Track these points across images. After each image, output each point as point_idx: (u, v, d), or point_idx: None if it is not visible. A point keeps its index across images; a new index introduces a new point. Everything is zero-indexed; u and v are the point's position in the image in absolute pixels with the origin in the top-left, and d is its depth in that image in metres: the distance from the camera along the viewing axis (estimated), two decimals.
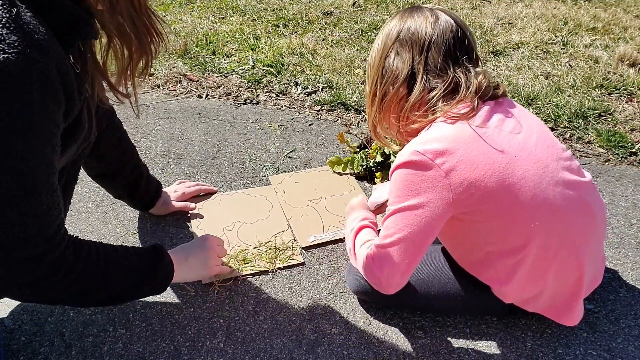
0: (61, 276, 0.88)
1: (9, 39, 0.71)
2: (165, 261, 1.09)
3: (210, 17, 2.95)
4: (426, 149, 0.98)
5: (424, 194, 0.99)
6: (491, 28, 2.78)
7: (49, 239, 0.84)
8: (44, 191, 0.81)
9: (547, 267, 1.05)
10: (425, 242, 1.03)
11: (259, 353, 1.16)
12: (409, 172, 1.00)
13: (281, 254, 1.41)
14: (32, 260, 0.83)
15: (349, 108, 2.11)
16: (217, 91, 2.25)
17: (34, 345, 1.17)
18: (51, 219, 0.84)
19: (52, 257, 0.86)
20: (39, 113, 0.76)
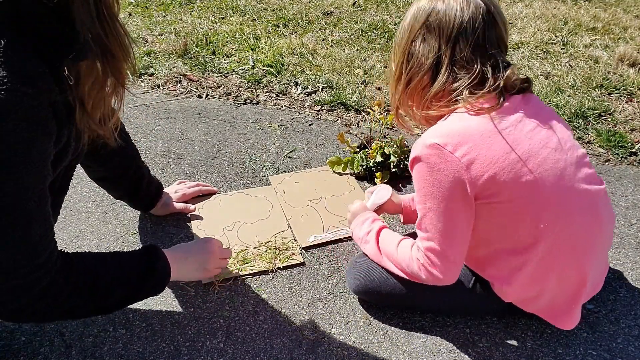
0: (51, 299, 0.88)
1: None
2: (160, 265, 1.08)
3: (210, 17, 2.95)
4: (447, 141, 0.97)
5: (449, 188, 0.98)
6: None
7: (39, 267, 0.85)
8: (35, 223, 0.81)
9: (550, 269, 1.05)
10: (468, 230, 1.03)
11: (259, 353, 1.16)
12: (431, 168, 0.99)
13: (281, 254, 1.41)
14: (20, 287, 0.84)
15: (349, 108, 2.11)
16: (217, 91, 2.25)
17: (34, 345, 1.17)
18: (43, 246, 0.85)
19: (43, 283, 0.86)
20: (27, 149, 0.75)
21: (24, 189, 0.78)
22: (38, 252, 0.84)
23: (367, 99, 2.15)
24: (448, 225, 1.01)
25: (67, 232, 1.47)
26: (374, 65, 2.41)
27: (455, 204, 1.00)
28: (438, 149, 0.97)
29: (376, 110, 1.78)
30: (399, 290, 1.18)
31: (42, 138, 0.78)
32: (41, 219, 0.83)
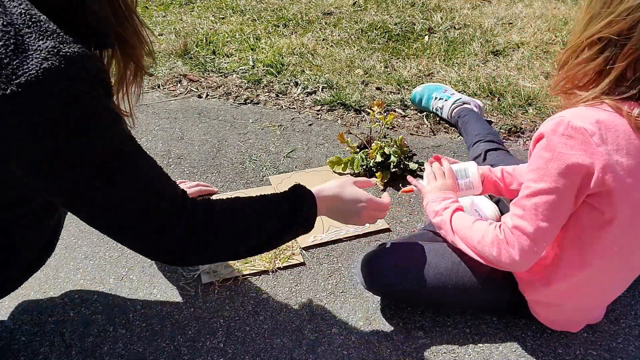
0: (198, 238, 0.89)
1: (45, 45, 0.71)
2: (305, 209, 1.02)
3: (210, 17, 2.95)
4: (594, 131, 0.88)
5: (574, 178, 0.91)
6: (491, 28, 2.78)
7: (171, 205, 0.86)
8: (140, 163, 0.83)
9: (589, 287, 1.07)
10: (563, 222, 0.99)
11: (259, 353, 1.16)
12: (565, 150, 0.90)
13: (281, 254, 1.41)
14: (163, 229, 0.85)
15: (349, 108, 2.11)
16: (217, 91, 2.25)
17: (34, 345, 1.17)
18: (161, 187, 0.86)
19: (182, 221, 0.87)
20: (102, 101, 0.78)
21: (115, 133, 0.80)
22: (160, 191, 0.85)
23: (367, 99, 2.15)
24: (552, 213, 0.95)
25: (67, 232, 1.47)
26: (374, 65, 2.41)
27: (570, 195, 0.94)
28: (583, 135, 0.89)
29: (376, 110, 1.78)
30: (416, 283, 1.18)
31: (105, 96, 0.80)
32: (145, 160, 0.85)
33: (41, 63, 0.69)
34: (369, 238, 1.48)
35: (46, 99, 0.70)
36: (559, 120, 0.91)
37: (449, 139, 1.94)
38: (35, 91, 0.69)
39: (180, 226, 0.87)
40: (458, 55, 2.51)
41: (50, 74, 0.69)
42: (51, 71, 0.69)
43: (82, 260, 1.40)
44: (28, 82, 0.69)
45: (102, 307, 1.26)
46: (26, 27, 0.71)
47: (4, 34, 0.70)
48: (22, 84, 0.68)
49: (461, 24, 2.84)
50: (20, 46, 0.70)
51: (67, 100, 0.72)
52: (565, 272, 1.05)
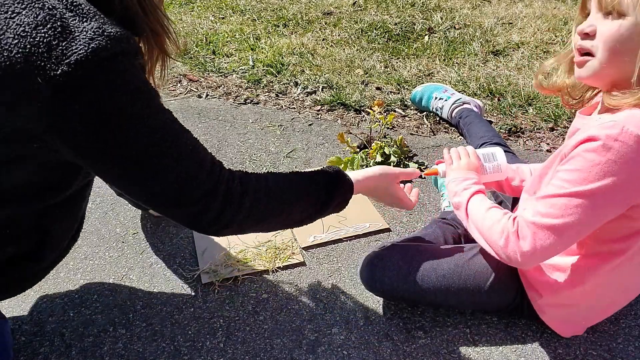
0: (237, 205, 0.93)
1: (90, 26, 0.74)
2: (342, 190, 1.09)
3: (210, 17, 2.95)
4: None
5: (620, 191, 0.87)
6: (491, 28, 2.78)
7: (210, 173, 0.90)
8: (181, 135, 0.87)
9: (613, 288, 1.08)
10: (585, 234, 0.95)
11: (259, 353, 1.16)
12: (617, 160, 0.84)
13: (281, 253, 1.41)
14: (206, 195, 0.89)
15: (349, 108, 2.11)
16: (217, 91, 2.25)
17: (34, 345, 1.17)
18: (201, 155, 0.91)
19: (222, 186, 0.91)
20: (144, 77, 0.83)
21: (157, 109, 0.85)
22: (200, 159, 0.90)
23: (367, 99, 2.15)
24: (583, 219, 0.90)
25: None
26: (374, 65, 2.41)
27: (613, 206, 0.90)
28: (639, 143, 0.83)
29: (376, 110, 1.78)
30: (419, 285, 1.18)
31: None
32: (184, 133, 0.89)
33: (89, 43, 0.73)
34: (369, 238, 1.48)
35: (96, 76, 0.75)
36: (616, 127, 0.85)
37: (448, 139, 1.94)
38: (85, 69, 0.73)
39: (219, 193, 0.91)
40: (458, 55, 2.51)
41: (98, 52, 0.73)
42: (99, 49, 0.73)
43: (82, 260, 1.40)
44: (78, 61, 0.72)
45: (102, 307, 1.26)
46: (68, 11, 0.75)
47: (50, 17, 0.73)
48: (72, 63, 0.72)
49: (461, 24, 2.84)
50: (66, 28, 0.73)
51: (115, 77, 0.76)
52: (590, 277, 1.05)
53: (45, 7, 0.74)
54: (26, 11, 0.74)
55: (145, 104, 0.81)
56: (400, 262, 1.20)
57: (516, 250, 0.95)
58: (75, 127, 0.77)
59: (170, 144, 0.85)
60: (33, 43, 0.72)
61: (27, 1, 0.75)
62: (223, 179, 0.92)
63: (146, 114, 0.81)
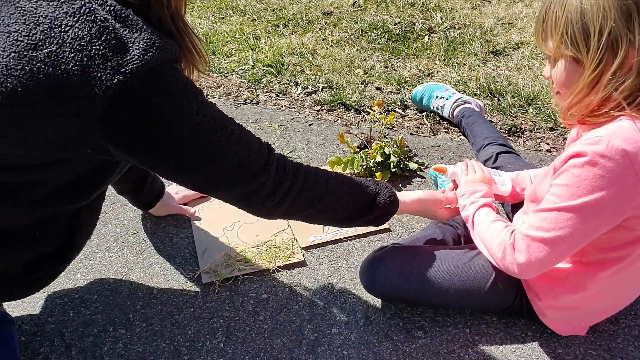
0: (289, 186, 1.00)
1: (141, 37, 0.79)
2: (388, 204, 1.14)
3: (210, 17, 2.95)
4: (638, 152, 0.84)
5: (610, 204, 0.88)
6: (491, 28, 2.78)
7: (259, 153, 0.97)
8: (227, 124, 0.94)
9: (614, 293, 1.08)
10: (577, 247, 0.97)
11: (259, 353, 1.16)
12: (604, 175, 0.86)
13: (281, 253, 1.41)
14: (258, 174, 0.96)
15: (349, 108, 2.11)
16: (217, 91, 2.25)
17: (34, 345, 1.17)
18: (249, 137, 0.98)
19: (273, 166, 0.98)
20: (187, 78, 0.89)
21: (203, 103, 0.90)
22: (250, 142, 0.97)
23: (367, 99, 2.15)
24: (574, 233, 0.92)
25: None
26: (374, 65, 2.41)
27: (604, 220, 0.91)
28: (625, 158, 0.84)
29: (376, 110, 1.78)
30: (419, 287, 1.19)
31: None
32: (230, 122, 0.95)
33: (143, 53, 0.78)
34: (369, 238, 1.48)
35: (150, 83, 0.80)
36: (599, 140, 0.86)
37: (448, 139, 1.94)
38: (141, 77, 0.78)
39: (271, 171, 0.98)
40: (458, 55, 2.51)
41: (152, 62, 0.78)
42: (152, 59, 0.79)
43: (82, 260, 1.40)
44: (134, 71, 0.77)
45: (102, 307, 1.26)
46: (118, 22, 0.79)
47: (103, 29, 0.78)
48: (128, 72, 0.77)
49: (461, 24, 2.84)
50: (119, 40, 0.78)
51: (166, 81, 0.82)
52: (589, 283, 1.05)
53: (97, 19, 0.77)
54: (79, 24, 0.77)
55: (193, 101, 0.87)
56: (399, 264, 1.20)
57: (512, 262, 0.99)
58: (132, 131, 0.82)
59: (221, 133, 0.91)
60: (89, 56, 0.76)
61: (79, 14, 0.77)
62: (273, 159, 0.99)
63: (195, 110, 0.87)
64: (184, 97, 0.85)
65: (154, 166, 0.93)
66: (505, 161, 1.57)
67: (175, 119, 0.85)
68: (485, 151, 1.67)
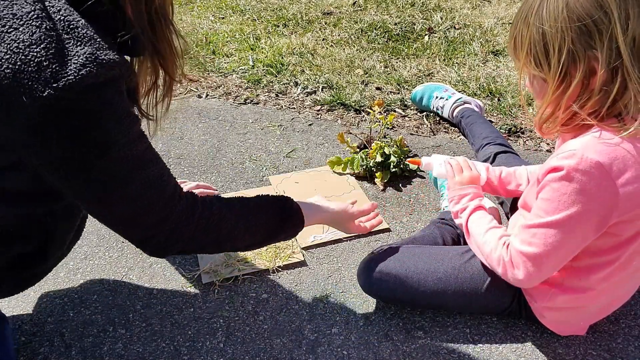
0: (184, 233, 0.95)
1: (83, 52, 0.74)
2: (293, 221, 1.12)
3: (210, 17, 2.95)
4: (612, 164, 0.86)
5: (590, 217, 0.90)
6: (491, 28, 2.78)
7: (168, 201, 0.92)
8: (152, 164, 0.89)
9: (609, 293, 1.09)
10: (571, 256, 0.99)
11: (259, 353, 1.16)
12: (581, 189, 0.87)
13: (281, 253, 1.41)
14: (160, 222, 0.92)
15: (349, 108, 2.11)
16: (217, 91, 2.25)
17: (34, 345, 1.17)
18: (165, 183, 0.92)
19: (173, 217, 0.93)
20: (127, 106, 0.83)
21: (141, 137, 0.86)
22: (163, 187, 0.91)
23: (367, 99, 2.15)
24: (563, 246, 0.94)
25: None
26: (374, 65, 2.41)
27: (586, 233, 0.93)
28: (600, 169, 0.86)
29: (376, 110, 1.78)
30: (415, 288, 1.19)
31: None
32: (154, 160, 0.90)
33: (79, 69, 0.73)
34: (369, 238, 1.48)
35: (81, 102, 0.75)
36: (572, 154, 0.88)
37: (448, 139, 1.94)
38: (72, 95, 0.73)
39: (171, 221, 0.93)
40: (458, 55, 2.51)
41: (88, 80, 0.74)
42: (89, 77, 0.74)
43: (82, 260, 1.40)
44: (66, 86, 0.72)
45: (102, 307, 1.26)
46: (65, 33, 0.75)
47: (46, 37, 0.73)
48: (60, 87, 0.72)
49: (461, 24, 2.84)
50: (60, 51, 0.73)
51: (99, 104, 0.77)
52: (582, 286, 1.05)
53: (42, 26, 0.74)
54: (23, 28, 0.74)
55: (124, 133, 0.82)
56: (396, 266, 1.20)
57: (514, 277, 1.02)
58: (51, 147, 0.77)
59: (140, 172, 0.86)
60: (24, 61, 0.72)
61: (26, 18, 0.74)
62: (178, 207, 0.94)
63: (123, 143, 0.82)
64: (116, 124, 0.80)
65: (65, 187, 0.86)
66: (504, 161, 1.57)
67: (99, 144, 0.80)
68: (483, 151, 1.67)
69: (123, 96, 0.82)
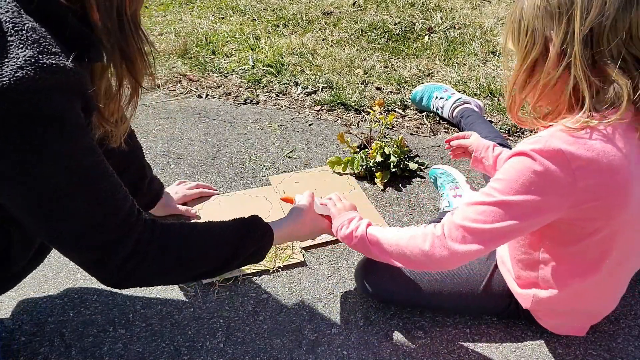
0: (148, 258, 0.89)
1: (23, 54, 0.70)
2: (257, 236, 1.07)
3: (210, 17, 2.95)
4: (574, 153, 0.86)
5: (543, 196, 0.90)
6: (491, 28, 2.78)
7: (120, 224, 0.86)
8: (101, 180, 0.83)
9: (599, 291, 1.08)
10: (517, 236, 0.99)
11: (259, 353, 1.16)
12: (541, 174, 0.88)
13: (281, 253, 1.41)
14: (108, 245, 0.85)
15: (349, 108, 2.11)
16: (217, 91, 2.25)
17: (34, 345, 1.17)
18: (117, 203, 0.86)
19: (129, 241, 0.87)
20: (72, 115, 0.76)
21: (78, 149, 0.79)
22: (113, 208, 0.85)
23: (367, 99, 2.15)
24: (515, 227, 0.93)
25: None
26: (374, 65, 2.41)
27: (541, 216, 0.93)
28: (562, 158, 0.87)
29: (376, 110, 1.78)
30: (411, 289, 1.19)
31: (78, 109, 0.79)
32: (105, 177, 0.84)
33: (15, 71, 0.68)
34: None
35: (13, 108, 0.70)
36: (538, 140, 0.90)
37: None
38: (7, 98, 0.69)
39: (125, 245, 0.87)
40: (458, 55, 2.51)
41: (22, 84, 0.69)
42: (23, 80, 0.69)
43: None
44: (1, 89, 0.68)
45: (102, 307, 1.26)
46: (9, 35, 0.70)
47: None
48: None
49: (461, 24, 2.84)
50: (1, 53, 0.69)
51: (34, 112, 0.71)
52: (570, 280, 1.04)
53: None
54: None
55: (67, 142, 0.76)
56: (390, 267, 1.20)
57: (443, 250, 0.97)
58: None
59: (87, 187, 0.81)
60: None
61: None
62: (135, 231, 0.88)
63: (68, 154, 0.77)
64: (60, 134, 0.75)
65: (5, 201, 0.81)
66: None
67: (41, 154, 0.74)
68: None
69: (70, 104, 0.75)
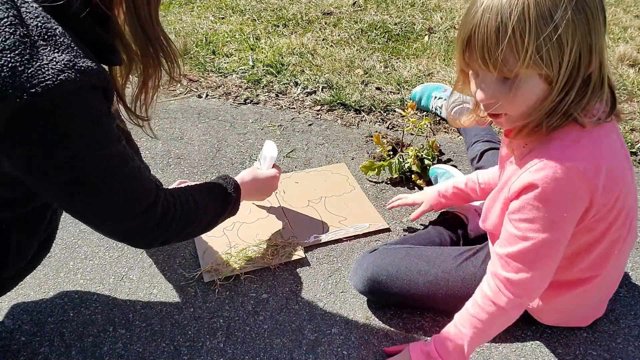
0: (171, 216, 1.02)
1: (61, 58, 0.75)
2: (235, 195, 1.23)
3: (210, 17, 2.95)
4: (586, 167, 0.85)
5: (569, 217, 0.90)
6: None
7: (152, 190, 0.98)
8: (129, 161, 0.92)
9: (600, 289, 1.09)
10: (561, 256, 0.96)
11: (259, 353, 1.16)
12: (554, 195, 0.88)
13: (282, 250, 1.41)
14: (147, 210, 0.97)
15: (349, 108, 2.11)
16: (217, 91, 2.25)
17: (34, 345, 1.17)
18: (145, 175, 0.98)
19: (160, 202, 1.00)
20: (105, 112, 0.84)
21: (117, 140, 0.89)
22: (145, 178, 0.97)
23: (367, 99, 2.15)
24: (554, 256, 0.93)
25: (67, 232, 1.47)
26: (373, 65, 2.41)
27: (566, 236, 0.93)
28: (577, 172, 0.86)
29: (410, 112, 1.73)
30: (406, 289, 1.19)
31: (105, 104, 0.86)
32: (131, 158, 0.93)
33: (58, 74, 0.74)
34: (368, 238, 1.48)
35: (59, 108, 0.76)
36: (544, 165, 0.87)
37: (448, 139, 1.94)
38: (50, 100, 0.74)
39: (158, 208, 0.99)
40: None
41: (66, 85, 0.74)
42: (67, 82, 0.74)
43: (82, 260, 1.40)
44: (44, 92, 0.73)
45: (102, 307, 1.26)
46: (41, 40, 0.75)
47: (20, 43, 0.74)
48: (38, 93, 0.73)
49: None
50: (34, 57, 0.74)
51: (77, 108, 0.78)
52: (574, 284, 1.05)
53: (17, 33, 0.74)
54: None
55: (102, 132, 0.84)
56: (387, 266, 1.21)
57: (515, 304, 0.96)
58: (31, 149, 0.78)
59: (123, 167, 0.90)
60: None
61: (0, 25, 0.74)
62: (161, 195, 1.00)
63: (101, 144, 0.84)
64: (94, 127, 0.82)
65: (45, 190, 0.88)
66: (489, 159, 1.58)
67: (79, 146, 0.81)
68: (472, 149, 1.69)
69: (101, 102, 0.83)
